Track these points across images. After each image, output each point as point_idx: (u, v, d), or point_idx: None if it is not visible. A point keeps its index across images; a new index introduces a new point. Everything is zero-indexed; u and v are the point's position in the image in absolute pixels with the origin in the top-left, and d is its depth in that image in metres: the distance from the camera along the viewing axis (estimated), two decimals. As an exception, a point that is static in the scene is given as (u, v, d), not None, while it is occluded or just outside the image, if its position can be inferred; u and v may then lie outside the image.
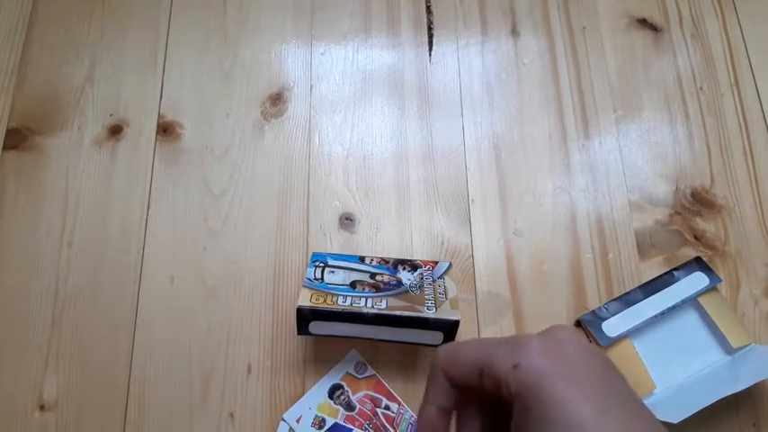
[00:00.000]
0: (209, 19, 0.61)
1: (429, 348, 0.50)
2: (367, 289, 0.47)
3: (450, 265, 0.51)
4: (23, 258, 0.52)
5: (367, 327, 0.44)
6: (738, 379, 0.45)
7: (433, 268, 0.51)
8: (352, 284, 0.47)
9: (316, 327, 0.44)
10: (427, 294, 0.47)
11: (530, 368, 0.24)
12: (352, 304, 0.44)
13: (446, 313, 0.44)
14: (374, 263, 0.51)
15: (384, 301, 0.45)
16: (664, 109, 0.60)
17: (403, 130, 0.58)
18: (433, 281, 0.49)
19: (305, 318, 0.44)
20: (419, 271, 0.50)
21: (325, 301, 0.44)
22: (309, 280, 0.47)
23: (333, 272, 0.48)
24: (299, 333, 0.45)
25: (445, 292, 0.47)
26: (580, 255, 0.54)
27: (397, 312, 0.44)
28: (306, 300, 0.44)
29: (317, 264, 0.49)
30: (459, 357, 0.27)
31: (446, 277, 0.50)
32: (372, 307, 0.44)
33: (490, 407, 0.28)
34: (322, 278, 0.48)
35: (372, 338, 0.45)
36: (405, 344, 0.45)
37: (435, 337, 0.45)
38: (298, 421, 0.47)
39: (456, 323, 0.44)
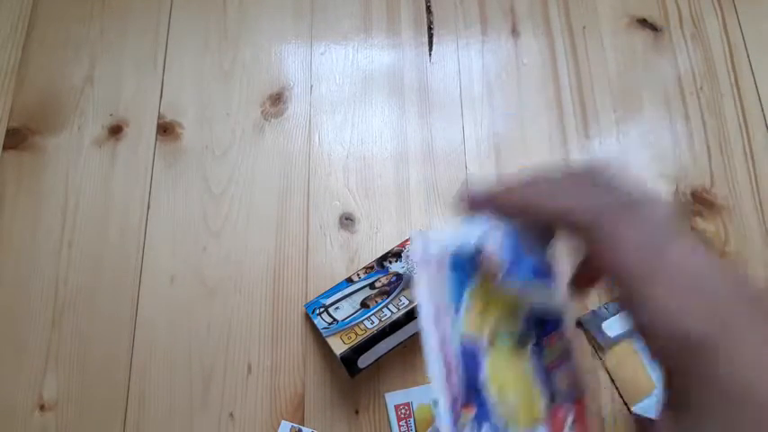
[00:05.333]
0: (209, 19, 0.61)
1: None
2: (379, 299, 0.47)
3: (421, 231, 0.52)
4: (23, 258, 0.52)
5: (402, 329, 0.45)
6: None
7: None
8: (363, 305, 0.47)
9: (363, 360, 0.45)
10: None
11: None
12: (380, 320, 0.44)
13: None
14: (362, 276, 0.51)
15: (402, 298, 0.45)
16: (664, 109, 0.59)
17: (403, 130, 0.58)
18: None
19: (351, 360, 0.44)
20: (403, 255, 0.50)
21: (356, 334, 0.44)
22: (326, 328, 0.47)
23: (337, 308, 0.48)
24: (352, 376, 0.45)
25: None
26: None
27: None
28: (340, 345, 0.44)
29: (318, 311, 0.49)
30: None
31: None
32: (399, 309, 0.44)
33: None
34: (334, 319, 0.47)
35: (411, 336, 0.46)
36: None
37: None
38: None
39: None
